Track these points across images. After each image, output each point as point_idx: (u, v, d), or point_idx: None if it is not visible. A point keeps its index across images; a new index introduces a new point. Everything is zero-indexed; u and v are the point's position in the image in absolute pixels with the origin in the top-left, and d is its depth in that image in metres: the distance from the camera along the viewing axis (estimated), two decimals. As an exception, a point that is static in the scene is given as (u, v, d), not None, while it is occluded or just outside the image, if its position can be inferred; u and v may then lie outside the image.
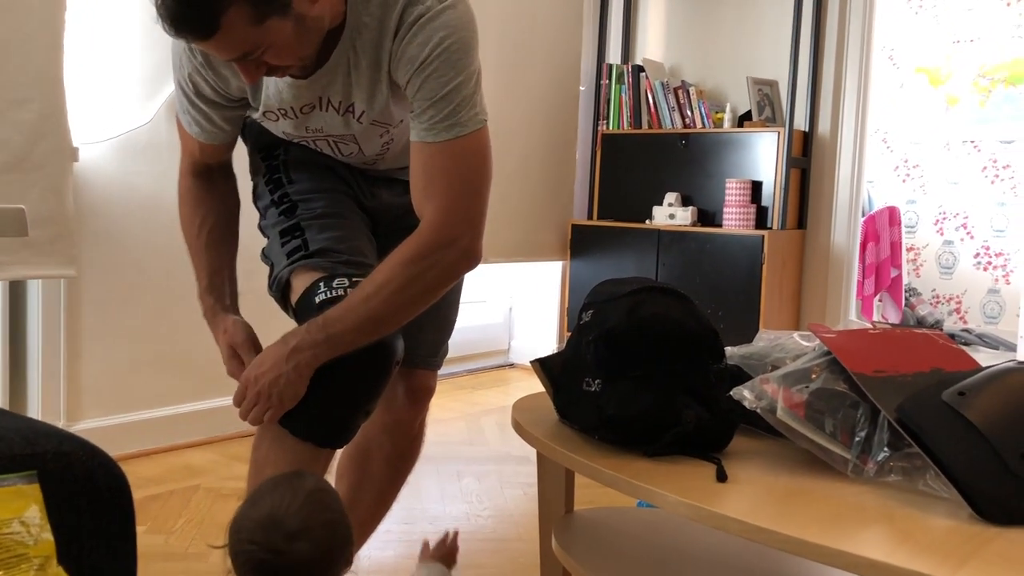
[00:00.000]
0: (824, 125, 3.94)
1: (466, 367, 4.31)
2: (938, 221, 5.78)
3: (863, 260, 4.94)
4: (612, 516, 1.57)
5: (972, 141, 5.64)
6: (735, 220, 3.79)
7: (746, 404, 1.18)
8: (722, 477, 1.12)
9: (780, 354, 1.36)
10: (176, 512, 2.33)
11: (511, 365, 4.55)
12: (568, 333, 3.91)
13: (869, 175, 5.65)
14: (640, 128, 4.19)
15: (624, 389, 1.21)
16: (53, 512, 1.00)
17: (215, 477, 2.63)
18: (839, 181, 3.92)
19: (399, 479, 1.74)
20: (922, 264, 5.83)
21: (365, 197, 1.56)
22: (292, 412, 1.27)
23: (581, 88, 4.33)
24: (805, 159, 3.94)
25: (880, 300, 5.35)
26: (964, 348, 1.30)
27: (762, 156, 3.83)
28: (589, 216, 4.36)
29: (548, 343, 4.45)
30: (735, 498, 1.07)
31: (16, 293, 2.61)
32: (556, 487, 1.53)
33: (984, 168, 5.61)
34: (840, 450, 1.14)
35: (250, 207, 1.57)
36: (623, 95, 4.21)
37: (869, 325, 1.42)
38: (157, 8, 1.12)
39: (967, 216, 5.67)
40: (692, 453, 1.19)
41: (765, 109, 3.94)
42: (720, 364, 1.25)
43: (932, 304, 5.74)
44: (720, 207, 3.91)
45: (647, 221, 4.06)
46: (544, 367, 1.39)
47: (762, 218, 3.83)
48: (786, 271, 3.84)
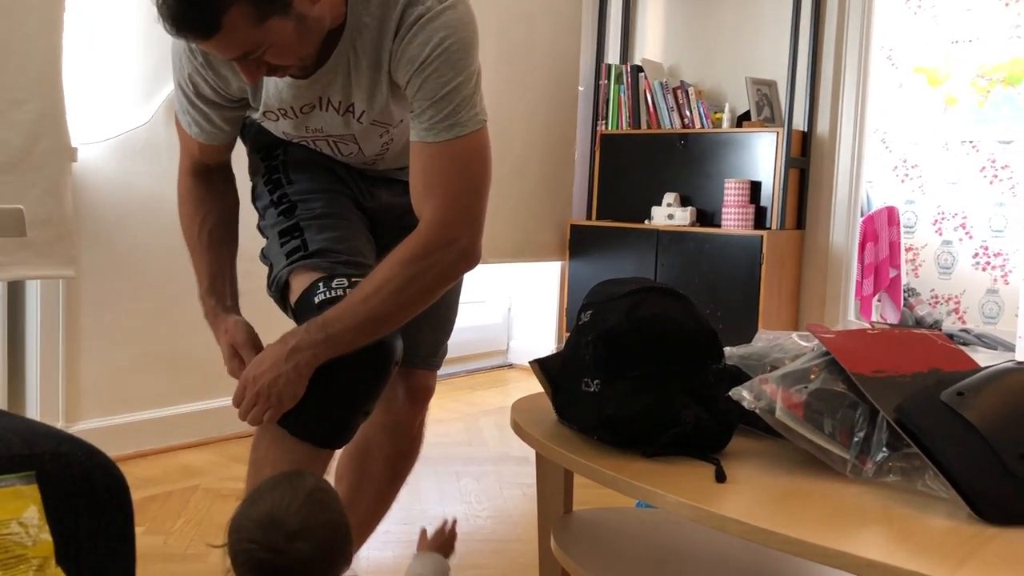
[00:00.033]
0: (823, 125, 3.94)
1: (465, 367, 4.31)
2: (937, 221, 5.78)
3: (862, 260, 4.94)
4: (611, 516, 1.57)
5: (971, 141, 5.64)
6: (734, 220, 3.79)
7: (745, 404, 1.18)
8: (721, 477, 1.12)
9: (779, 354, 1.36)
10: (175, 513, 2.33)
11: (510, 365, 4.55)
12: (567, 333, 3.91)
13: (868, 175, 5.64)
14: (639, 128, 4.19)
15: (623, 389, 1.21)
16: (52, 513, 0.99)
17: (214, 478, 2.63)
18: (838, 181, 3.92)
19: (398, 479, 1.74)
20: (921, 264, 5.83)
21: (364, 197, 1.56)
22: (291, 412, 1.27)
23: (580, 88, 4.34)
24: (804, 159, 3.94)
25: (879, 300, 5.35)
26: (963, 348, 1.30)
27: (761, 156, 3.83)
28: (588, 216, 4.36)
29: (547, 343, 4.45)
30: (734, 498, 1.07)
31: (15, 294, 2.61)
32: (555, 487, 1.53)
33: (983, 168, 5.61)
34: (839, 450, 1.14)
35: (249, 207, 1.57)
36: (622, 95, 4.21)
37: (868, 325, 1.42)
38: (158, 8, 1.12)
39: (966, 216, 5.67)
40: (691, 453, 1.19)
41: (764, 109, 3.94)
42: (719, 364, 1.25)
43: (931, 304, 5.75)
44: (719, 207, 3.91)
45: (646, 221, 4.06)
46: (543, 367, 1.39)
47: (761, 218, 3.83)
48: (785, 271, 3.84)
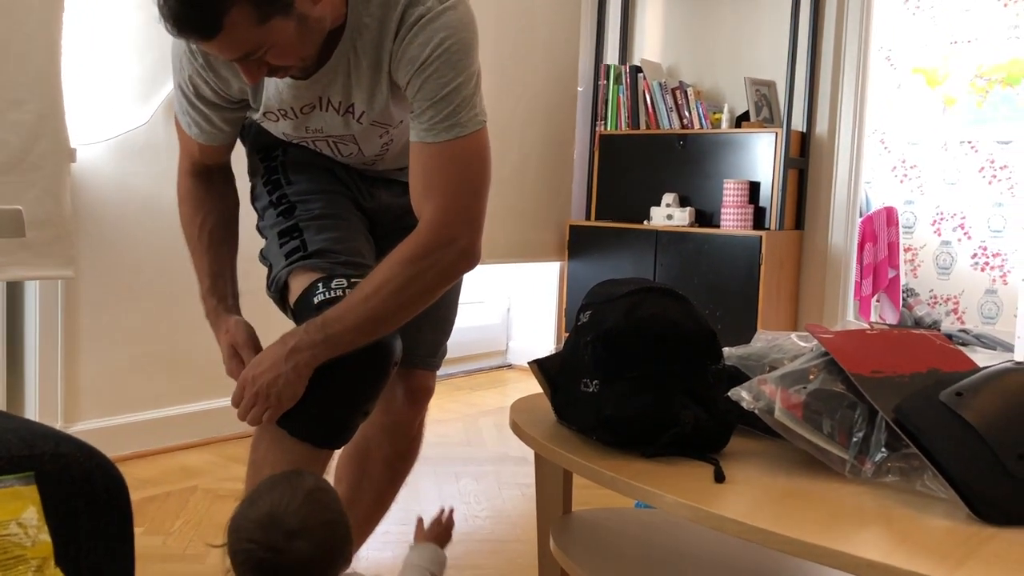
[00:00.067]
0: (822, 126, 3.94)
1: (464, 368, 4.31)
2: (935, 221, 5.79)
3: (861, 260, 4.94)
4: (610, 517, 1.57)
5: (969, 141, 5.64)
6: (733, 221, 3.79)
7: (744, 405, 1.18)
8: (720, 478, 1.12)
9: (778, 355, 1.36)
10: (174, 513, 2.33)
11: (509, 366, 4.55)
12: (566, 334, 3.91)
13: (867, 175, 5.65)
14: (638, 129, 4.19)
15: (622, 390, 1.21)
16: (51, 513, 0.99)
17: (213, 478, 2.63)
18: (837, 181, 3.93)
19: (398, 480, 1.74)
20: (920, 264, 5.84)
21: (364, 198, 1.56)
22: (290, 412, 1.27)
23: (579, 89, 4.34)
24: (803, 159, 3.94)
25: (878, 300, 5.35)
26: (961, 348, 1.30)
27: (760, 157, 3.84)
28: (587, 217, 4.36)
29: (546, 344, 4.45)
30: (733, 499, 1.07)
31: (14, 294, 2.61)
32: (554, 488, 1.53)
33: (981, 168, 5.62)
34: (838, 451, 1.14)
35: (249, 208, 1.57)
36: (621, 96, 4.21)
37: (867, 326, 1.42)
38: (160, 8, 1.12)
39: (964, 216, 5.68)
40: (690, 454, 1.19)
41: (763, 110, 3.94)
42: (718, 365, 1.25)
43: (930, 304, 5.75)
44: (718, 207, 3.91)
45: (645, 222, 4.06)
46: (542, 368, 1.39)
47: (760, 219, 3.83)
48: (784, 272, 3.85)
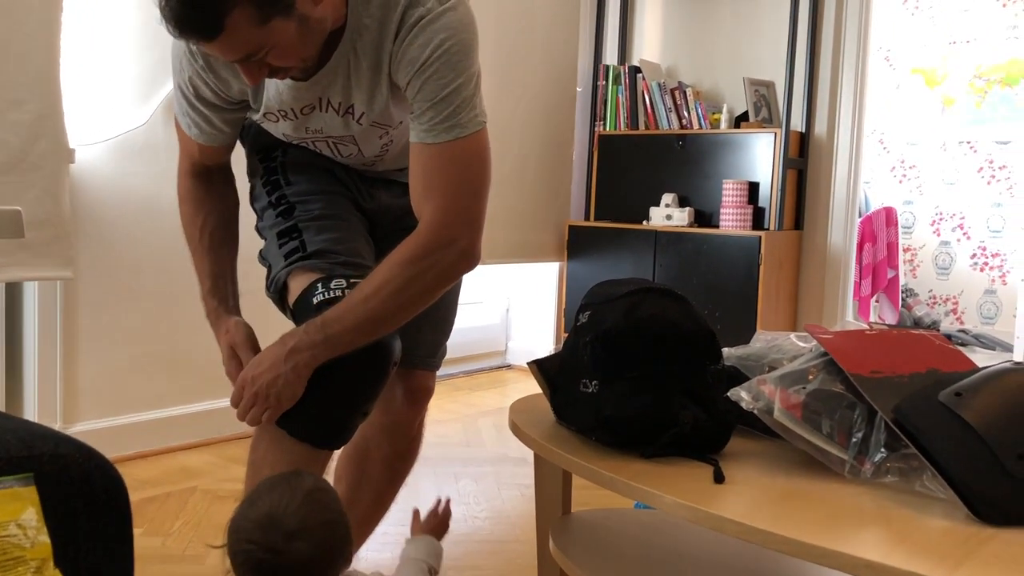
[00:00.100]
0: (821, 126, 3.94)
1: (463, 368, 4.31)
2: (935, 222, 5.79)
3: (860, 261, 4.94)
4: (609, 517, 1.57)
5: (968, 142, 5.65)
6: (732, 221, 3.80)
7: (743, 405, 1.18)
8: (719, 478, 1.12)
9: (777, 355, 1.36)
10: (173, 514, 2.32)
11: (508, 366, 4.55)
12: (565, 334, 3.91)
13: (866, 176, 5.65)
14: (637, 129, 4.19)
15: (621, 390, 1.21)
16: (50, 515, 0.99)
17: (212, 479, 2.63)
18: (836, 182, 3.93)
19: (397, 480, 1.74)
20: (919, 265, 5.84)
21: (363, 198, 1.56)
22: (290, 413, 1.27)
23: (578, 89, 4.34)
24: (802, 160, 3.94)
25: (877, 301, 5.36)
26: (961, 349, 1.30)
27: (759, 157, 3.84)
28: (586, 217, 4.36)
29: (545, 344, 4.45)
30: (732, 499, 1.07)
31: (12, 295, 2.61)
32: (553, 488, 1.53)
33: (980, 169, 5.62)
34: (837, 451, 1.14)
35: (249, 209, 1.57)
36: (620, 96, 4.21)
37: (866, 326, 1.42)
38: (161, 9, 1.12)
39: (963, 217, 5.68)
40: (689, 454, 1.19)
41: (762, 110, 3.94)
42: (717, 365, 1.25)
43: (929, 305, 5.75)
44: (717, 208, 3.91)
45: (644, 222, 4.06)
46: (541, 368, 1.39)
47: (759, 219, 3.83)
48: (783, 272, 3.85)
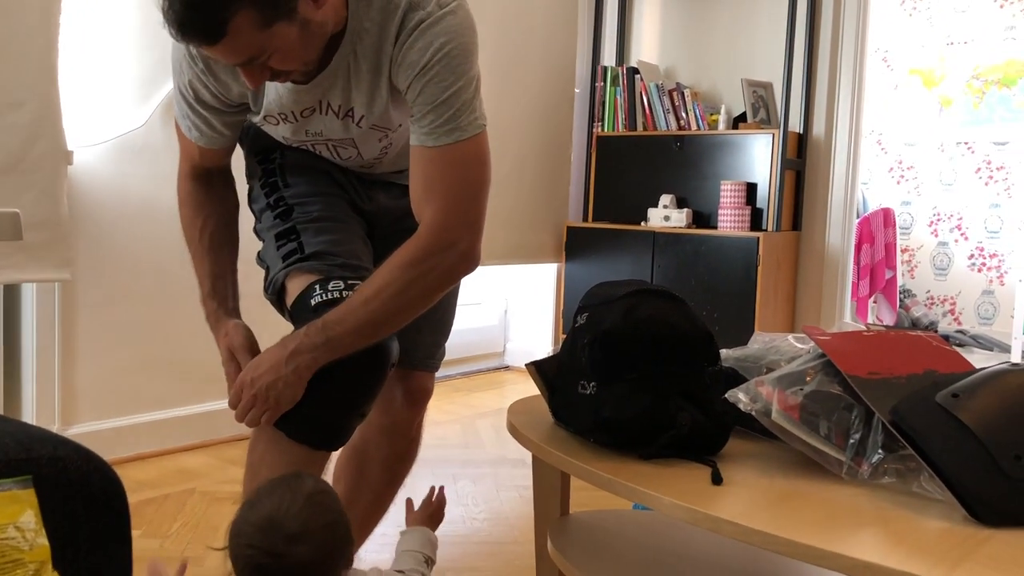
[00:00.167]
0: (819, 127, 3.95)
1: (462, 369, 4.31)
2: (932, 223, 5.80)
3: (858, 262, 4.95)
4: (608, 519, 1.57)
5: (966, 142, 5.65)
6: (730, 222, 3.80)
7: (741, 406, 1.18)
8: (717, 480, 1.12)
9: (775, 356, 1.36)
10: (171, 516, 2.32)
11: (506, 367, 4.55)
12: (563, 335, 3.91)
13: (863, 177, 5.67)
14: (635, 130, 4.19)
15: (619, 392, 1.21)
16: (48, 517, 0.99)
17: (210, 481, 2.63)
18: (833, 183, 3.93)
19: (396, 481, 1.74)
20: (916, 265, 5.84)
21: (362, 200, 1.56)
22: (288, 414, 1.27)
23: (576, 90, 4.34)
24: (800, 161, 3.94)
25: (875, 302, 5.36)
26: (958, 350, 1.31)
27: (757, 158, 3.84)
28: (584, 218, 4.36)
29: (544, 345, 4.45)
30: (730, 500, 1.07)
31: (10, 297, 2.60)
32: (551, 490, 1.53)
33: (978, 169, 5.63)
34: (835, 452, 1.14)
35: (248, 211, 1.57)
36: (618, 97, 4.22)
37: (863, 327, 1.43)
38: (164, 13, 1.12)
39: (961, 217, 5.69)
40: (687, 456, 1.19)
41: (760, 111, 3.94)
42: (715, 366, 1.25)
43: (927, 305, 5.76)
44: (715, 209, 3.92)
45: (642, 223, 4.07)
46: (539, 370, 1.39)
47: (757, 220, 3.84)
48: (781, 273, 3.85)
